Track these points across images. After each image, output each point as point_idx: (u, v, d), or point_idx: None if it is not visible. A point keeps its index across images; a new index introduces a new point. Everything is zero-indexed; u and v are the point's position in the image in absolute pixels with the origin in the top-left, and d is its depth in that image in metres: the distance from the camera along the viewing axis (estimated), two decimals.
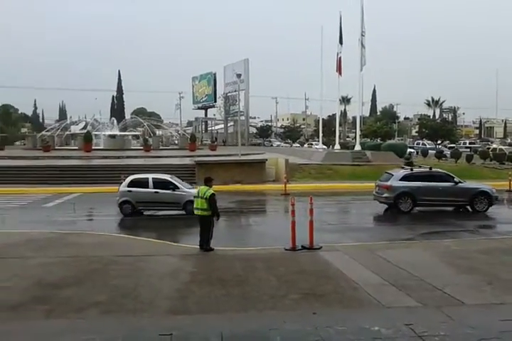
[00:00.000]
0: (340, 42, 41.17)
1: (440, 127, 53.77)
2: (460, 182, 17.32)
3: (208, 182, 11.07)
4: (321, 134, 50.38)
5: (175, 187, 16.08)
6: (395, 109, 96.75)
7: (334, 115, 54.50)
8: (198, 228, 10.96)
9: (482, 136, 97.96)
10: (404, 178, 17.33)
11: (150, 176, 16.69)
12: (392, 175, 17.77)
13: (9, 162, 28.91)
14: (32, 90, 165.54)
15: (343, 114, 76.53)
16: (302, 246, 10.97)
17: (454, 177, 17.51)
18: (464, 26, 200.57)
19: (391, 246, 11.61)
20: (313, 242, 11.05)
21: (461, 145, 55.74)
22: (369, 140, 52.65)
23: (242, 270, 9.06)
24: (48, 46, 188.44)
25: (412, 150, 48.65)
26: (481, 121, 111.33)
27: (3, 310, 6.61)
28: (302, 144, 67.34)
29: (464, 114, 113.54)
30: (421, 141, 58.44)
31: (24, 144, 50.65)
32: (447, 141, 57.48)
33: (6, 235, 12.23)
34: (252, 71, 61.64)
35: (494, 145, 48.36)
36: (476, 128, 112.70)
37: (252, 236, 13.61)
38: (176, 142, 52.72)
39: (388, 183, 17.21)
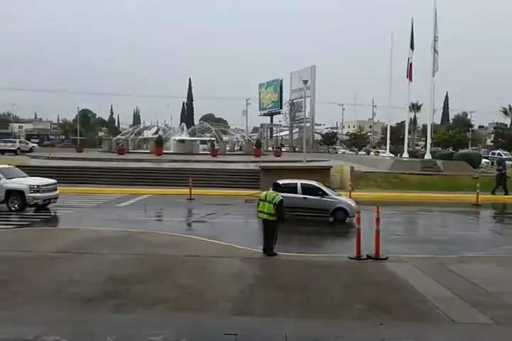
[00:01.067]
0: (412, 47, 39.93)
1: None
2: None
3: (277, 187, 11.17)
4: (388, 142, 48.95)
5: (323, 194, 16.36)
6: (468, 117, 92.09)
7: (403, 122, 52.92)
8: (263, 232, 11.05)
9: None
10: None
11: (298, 182, 16.93)
12: None
13: (87, 163, 30.79)
14: (108, 97, 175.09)
15: (413, 121, 73.87)
16: (367, 256, 10.73)
17: None
18: None
19: (463, 259, 11.05)
20: (379, 252, 10.77)
21: None
22: (440, 149, 50.47)
23: (305, 276, 9.01)
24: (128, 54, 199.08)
25: (487, 160, 46.09)
26: None
27: (78, 302, 7.02)
28: (368, 152, 65.84)
29: None
30: (496, 151, 55.17)
31: (101, 147, 53.62)
32: None
33: (83, 232, 13.00)
34: (318, 77, 61.46)
35: None
36: None
37: (316, 243, 13.48)
38: (242, 148, 53.54)
39: None
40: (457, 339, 5.11)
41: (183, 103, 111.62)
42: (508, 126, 66.41)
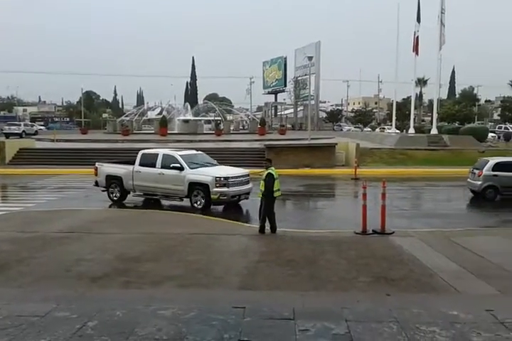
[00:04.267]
0: (418, 20, 39.14)
1: None
2: None
3: (271, 162, 11.12)
4: (394, 118, 48.54)
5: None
6: (475, 91, 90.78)
7: (409, 98, 52.33)
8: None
9: None
10: None
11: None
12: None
13: (92, 145, 30.83)
14: (112, 77, 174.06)
15: (419, 96, 73.00)
16: (373, 231, 10.76)
17: None
18: None
19: (469, 233, 11.06)
20: (385, 227, 10.78)
21: None
22: (446, 124, 49.97)
23: (311, 252, 9.04)
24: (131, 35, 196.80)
25: (494, 134, 45.69)
26: None
27: (87, 280, 7.11)
28: (374, 128, 65.38)
29: None
30: (503, 125, 54.60)
31: (105, 129, 53.57)
32: None
33: (89, 213, 13.10)
34: (323, 54, 60.54)
35: None
36: None
37: (321, 219, 13.53)
38: (246, 126, 53.31)
39: None
40: (467, 308, 5.13)
41: (187, 83, 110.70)
42: None
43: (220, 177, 13.66)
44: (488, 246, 9.49)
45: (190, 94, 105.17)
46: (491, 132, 46.24)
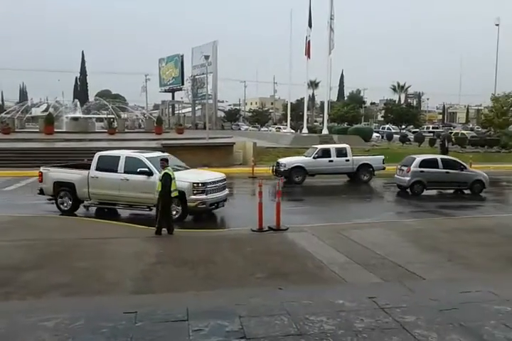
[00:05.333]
0: (310, 25, 41.00)
1: (405, 112, 54.69)
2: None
3: (167, 162, 10.92)
4: (289, 118, 50.44)
5: (464, 167, 18.06)
6: (361, 94, 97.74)
7: (302, 99, 54.61)
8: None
9: (445, 121, 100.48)
10: None
11: (438, 157, 18.83)
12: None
13: None
14: None
15: (311, 98, 76.71)
16: (269, 227, 11.02)
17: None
18: (431, 12, 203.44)
19: (356, 226, 11.81)
20: (280, 223, 11.12)
21: (425, 129, 57.04)
22: (336, 124, 53.13)
23: (208, 251, 9.03)
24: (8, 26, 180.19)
25: (378, 134, 49.49)
26: (444, 106, 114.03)
27: None
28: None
29: (428, 99, 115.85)
30: (386, 126, 59.43)
31: None
32: (411, 126, 58.68)
33: None
34: (220, 54, 60.83)
35: (456, 130, 49.67)
36: (440, 113, 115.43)
37: (219, 218, 13.56)
38: (142, 125, 51.78)
39: None
40: (352, 296, 5.46)
41: (76, 78, 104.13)
42: (397, 102, 71.59)
43: (198, 183, 12.17)
44: (373, 238, 10.22)
45: (80, 91, 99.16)
46: (376, 132, 50.06)
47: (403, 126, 56.92)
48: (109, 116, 47.22)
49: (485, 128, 43.82)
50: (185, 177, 12.19)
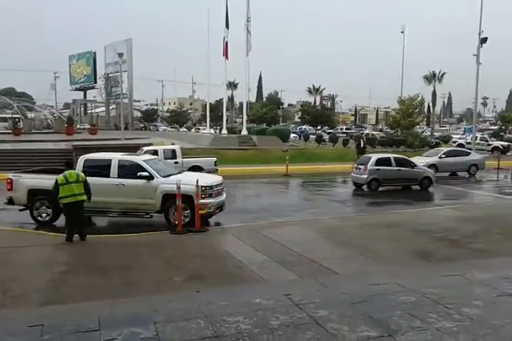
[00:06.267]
0: (227, 26, 41.11)
1: (320, 113, 56.81)
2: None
3: (71, 166, 10.40)
4: (208, 119, 50.29)
5: (414, 165, 19.43)
6: (279, 96, 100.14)
7: (222, 100, 54.67)
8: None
9: (357, 123, 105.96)
10: None
11: (391, 156, 20.32)
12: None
13: None
14: None
15: (231, 99, 77.13)
16: (188, 230, 10.89)
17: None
18: (343, 20, 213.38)
19: (275, 224, 12.03)
20: (199, 225, 11.02)
21: (339, 130, 59.73)
22: (255, 125, 53.87)
23: (125, 257, 8.73)
24: None
25: (295, 135, 50.92)
26: (356, 108, 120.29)
27: None
28: (189, 129, 66.71)
29: (341, 101, 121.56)
30: (303, 127, 61.34)
31: None
32: (326, 127, 61.10)
33: None
34: (136, 53, 59.14)
35: (367, 131, 52.55)
36: (352, 115, 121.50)
37: (136, 221, 13.14)
38: (52, 125, 48.88)
39: None
40: (268, 295, 5.54)
41: None
42: (312, 104, 74.19)
43: (206, 187, 11.53)
44: (291, 236, 10.47)
45: None
46: (293, 133, 51.50)
47: (319, 127, 59.09)
48: (13, 115, 44.03)
49: (393, 129, 46.76)
50: (189, 181, 11.44)
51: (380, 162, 19.20)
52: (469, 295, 5.48)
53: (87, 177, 10.84)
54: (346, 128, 64.99)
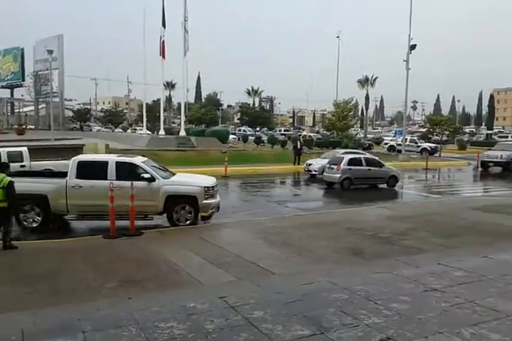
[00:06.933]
0: (164, 25, 40.46)
1: (259, 115, 57.35)
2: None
3: (3, 168, 9.72)
4: (145, 119, 49.17)
5: (382, 165, 20.77)
6: (218, 97, 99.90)
7: (159, 100, 53.70)
8: None
9: (295, 124, 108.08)
10: None
11: (362, 156, 21.64)
12: None
13: None
14: None
15: (168, 99, 75.99)
16: (122, 234, 10.56)
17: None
18: (283, 25, 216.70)
19: (212, 226, 11.96)
20: (134, 228, 10.73)
21: (277, 132, 60.58)
22: (194, 126, 53.38)
23: (54, 264, 8.30)
24: None
25: (234, 136, 51.04)
26: (294, 110, 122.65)
27: None
28: (125, 129, 64.95)
29: (279, 103, 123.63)
30: (242, 128, 61.61)
31: None
32: (265, 128, 61.78)
33: None
34: (69, 50, 56.79)
35: (304, 133, 53.69)
36: (290, 117, 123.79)
37: (69, 226, 12.57)
38: None
39: None
40: (204, 298, 5.47)
41: None
42: (251, 105, 74.72)
43: (209, 187, 11.80)
44: (228, 238, 10.47)
45: None
46: (232, 134, 51.58)
47: (258, 129, 59.60)
48: None
49: (329, 131, 48.03)
50: (191, 181, 12.05)
51: (351, 162, 20.26)
52: (397, 291, 5.71)
53: (82, 180, 11.07)
54: (285, 130, 66.07)
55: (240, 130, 60.31)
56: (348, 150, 27.56)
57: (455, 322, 4.69)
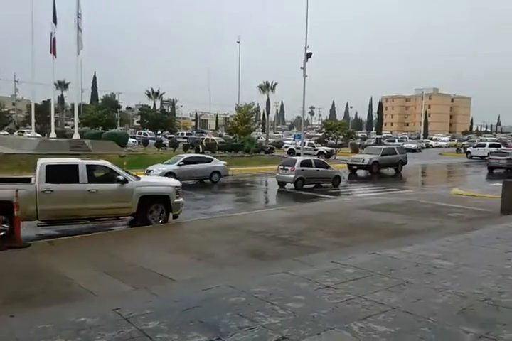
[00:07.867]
0: (54, 21, 38.07)
1: (160, 118, 56.25)
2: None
3: None
4: (33, 121, 45.65)
5: (328, 166, 23.60)
6: (117, 98, 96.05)
7: (49, 100, 50.26)
8: None
9: (198, 128, 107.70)
10: None
11: (312, 158, 24.57)
12: None
13: None
14: None
15: (60, 99, 71.44)
16: (8, 246, 9.69)
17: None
18: (184, 27, 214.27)
19: (105, 235, 11.46)
20: (21, 240, 9.91)
21: (179, 135, 59.86)
22: (90, 128, 50.76)
23: None
24: None
25: (134, 139, 49.55)
26: (196, 114, 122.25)
27: None
28: (12, 132, 59.94)
29: (182, 106, 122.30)
30: (142, 131, 60.00)
31: None
32: (167, 132, 60.76)
33: None
34: None
35: (207, 136, 53.70)
36: (193, 120, 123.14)
37: None
38: None
39: None
40: (95, 311, 5.17)
41: None
42: (152, 108, 72.94)
43: (178, 187, 12.64)
44: (125, 246, 10.08)
45: None
46: (132, 137, 49.97)
47: (159, 132, 58.38)
48: None
49: (231, 134, 48.56)
50: (163, 182, 12.94)
51: (303, 163, 22.61)
52: (293, 291, 5.88)
53: (53, 184, 10.98)
54: (187, 134, 65.51)
55: (140, 133, 58.71)
56: (192, 154, 27.63)
57: (345, 318, 4.93)
